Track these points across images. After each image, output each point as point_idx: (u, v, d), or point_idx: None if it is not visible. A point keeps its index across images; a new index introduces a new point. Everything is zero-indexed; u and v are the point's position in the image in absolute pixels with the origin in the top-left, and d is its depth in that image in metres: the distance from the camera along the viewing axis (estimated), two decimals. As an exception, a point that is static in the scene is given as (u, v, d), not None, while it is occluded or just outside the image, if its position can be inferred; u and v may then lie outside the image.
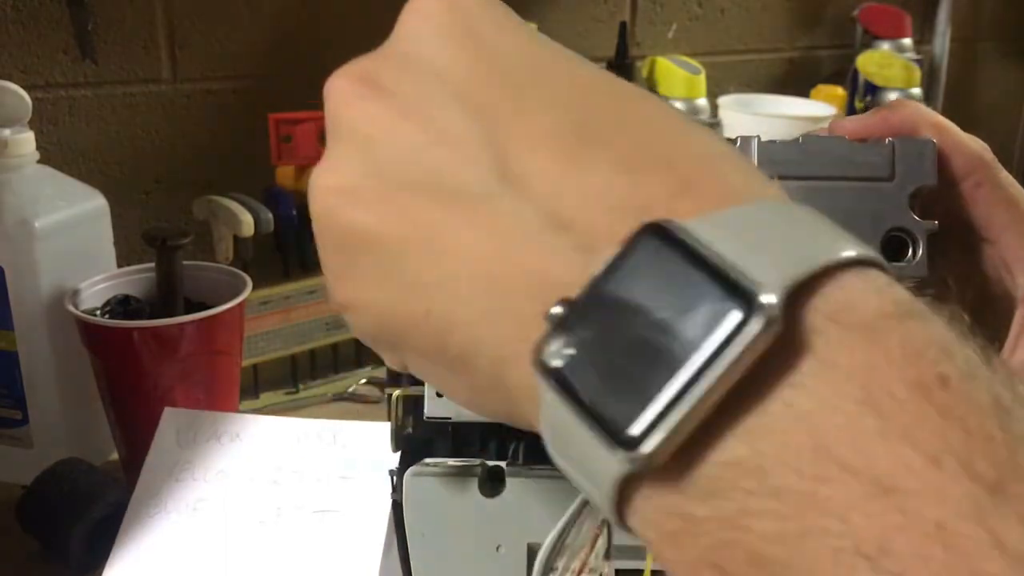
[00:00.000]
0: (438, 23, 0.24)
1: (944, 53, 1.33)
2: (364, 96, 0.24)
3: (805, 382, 0.17)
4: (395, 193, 0.23)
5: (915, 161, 0.35)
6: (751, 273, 0.18)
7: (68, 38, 0.80)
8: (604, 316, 0.19)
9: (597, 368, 0.19)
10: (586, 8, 1.08)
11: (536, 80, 0.23)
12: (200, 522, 0.55)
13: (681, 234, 0.18)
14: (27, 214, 0.63)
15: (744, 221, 0.19)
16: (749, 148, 0.35)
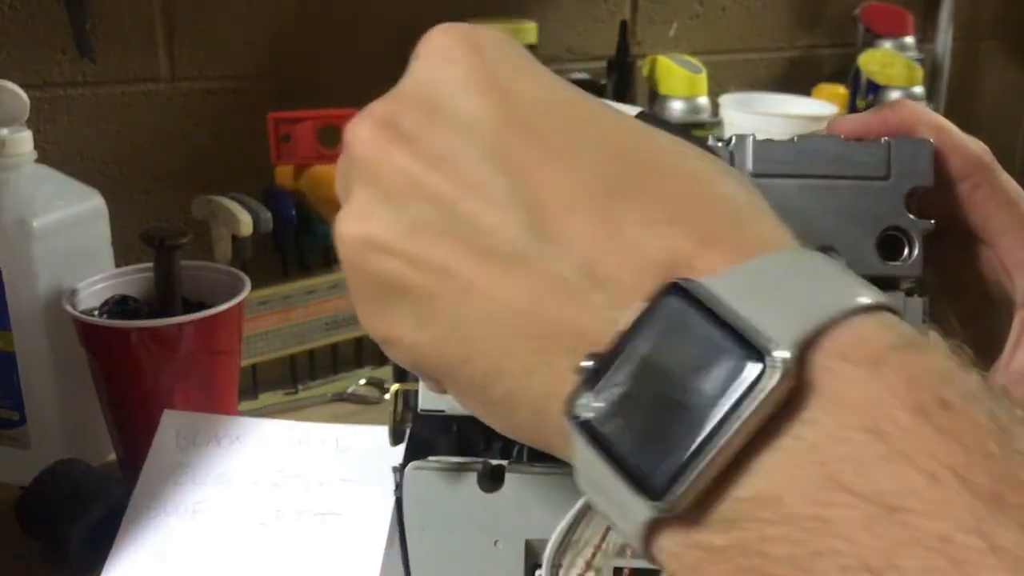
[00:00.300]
0: (462, 67, 0.24)
1: (946, 52, 1.33)
2: (389, 143, 0.24)
3: (814, 417, 0.19)
4: (426, 243, 0.23)
5: (911, 161, 0.35)
6: (766, 329, 0.19)
7: (66, 37, 0.80)
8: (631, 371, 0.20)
9: (625, 421, 0.20)
10: (587, 7, 1.08)
11: (564, 131, 0.23)
12: (200, 525, 0.55)
13: (700, 292, 0.20)
14: (25, 214, 0.63)
15: (762, 275, 0.20)
16: (744, 147, 0.35)
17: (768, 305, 0.20)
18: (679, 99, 1.07)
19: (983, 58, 1.42)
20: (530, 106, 0.24)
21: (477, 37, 0.25)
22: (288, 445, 0.59)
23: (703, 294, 0.20)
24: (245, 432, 0.59)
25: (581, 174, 0.22)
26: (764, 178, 0.35)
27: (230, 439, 0.59)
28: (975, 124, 0.39)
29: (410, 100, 0.25)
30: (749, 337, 0.19)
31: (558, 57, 1.07)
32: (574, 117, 0.24)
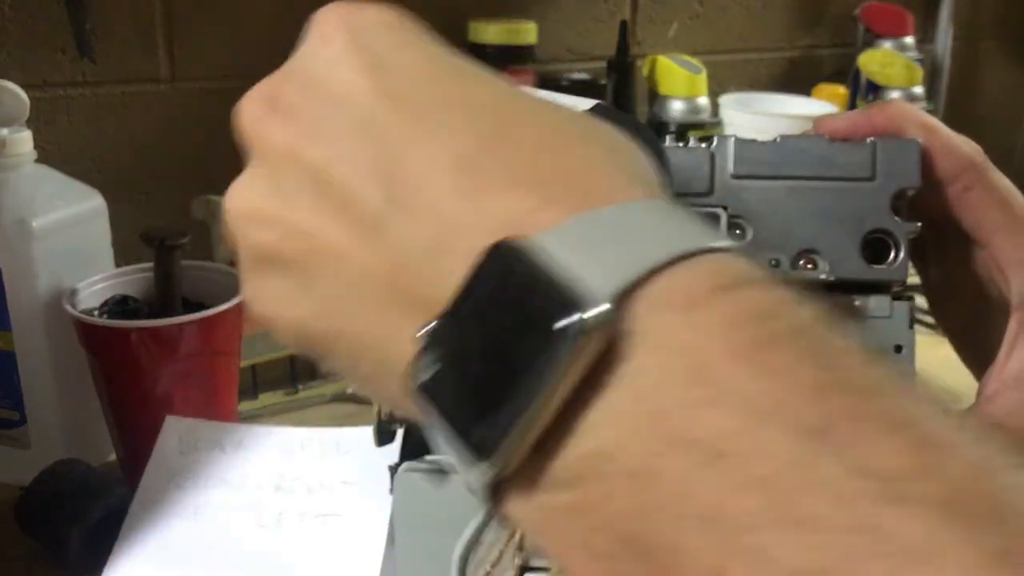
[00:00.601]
0: (339, 45, 0.25)
1: (946, 52, 1.33)
2: (269, 117, 0.25)
3: (639, 366, 0.19)
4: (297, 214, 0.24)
5: (898, 162, 0.34)
6: (586, 279, 0.19)
7: (66, 37, 0.80)
8: (461, 332, 0.20)
9: (455, 381, 0.20)
10: (586, 7, 1.08)
11: (432, 102, 0.24)
12: (201, 528, 0.55)
13: (524, 247, 0.20)
14: (25, 214, 0.63)
15: (593, 226, 0.20)
16: (725, 148, 0.35)
17: (593, 255, 0.20)
18: (679, 99, 1.07)
19: (983, 58, 1.42)
20: (402, 78, 0.24)
21: (357, 15, 0.26)
22: (290, 449, 0.59)
23: (527, 248, 0.20)
24: (248, 438, 0.60)
25: (443, 143, 0.23)
26: (746, 179, 0.34)
27: (233, 445, 0.59)
28: (975, 124, 0.38)
29: (291, 76, 0.26)
30: (568, 290, 0.19)
31: (558, 57, 1.07)
32: (445, 88, 0.24)
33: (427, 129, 0.23)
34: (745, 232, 0.35)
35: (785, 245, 0.34)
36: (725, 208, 0.35)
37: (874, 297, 0.35)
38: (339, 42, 0.25)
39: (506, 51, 0.96)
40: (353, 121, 0.24)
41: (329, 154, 0.23)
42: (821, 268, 0.34)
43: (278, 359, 0.79)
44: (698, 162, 0.35)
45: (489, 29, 0.96)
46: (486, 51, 0.96)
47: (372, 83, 0.24)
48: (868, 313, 0.35)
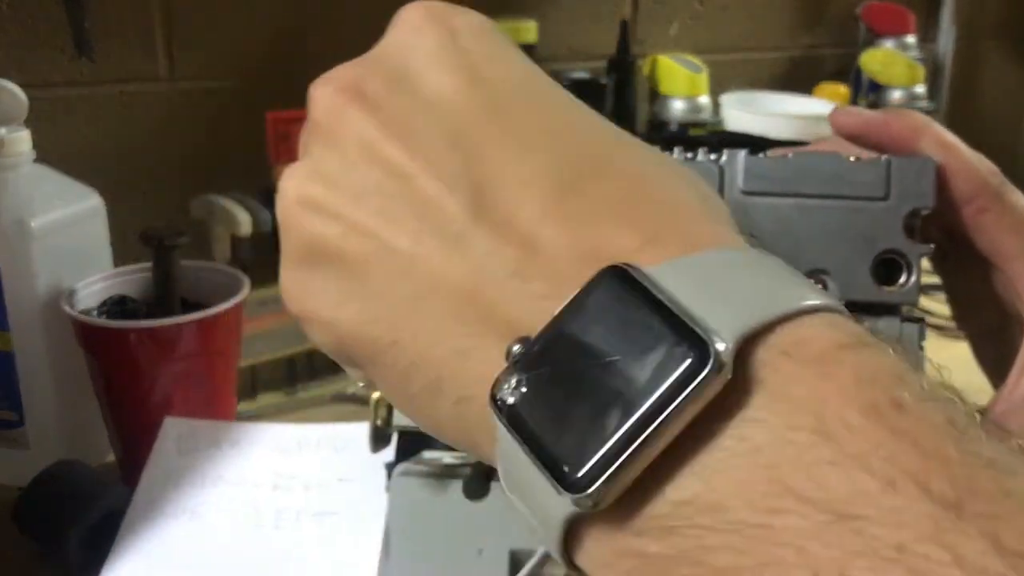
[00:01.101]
0: (433, 43, 0.24)
1: (948, 51, 1.33)
2: (349, 106, 0.23)
3: (758, 416, 0.17)
4: (370, 212, 0.22)
5: (912, 181, 0.33)
6: (706, 319, 0.18)
7: (65, 37, 0.80)
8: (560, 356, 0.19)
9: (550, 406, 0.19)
10: (587, 6, 1.07)
11: (525, 119, 0.22)
12: (199, 526, 0.55)
13: (640, 278, 0.19)
14: (23, 213, 0.62)
15: (705, 268, 0.19)
16: (735, 163, 0.34)
17: (709, 296, 0.19)
18: (680, 98, 1.06)
19: (985, 58, 1.42)
20: (496, 90, 0.23)
21: (452, 15, 0.24)
22: (287, 448, 0.59)
23: (643, 279, 0.19)
24: (245, 437, 0.59)
25: (534, 163, 0.22)
26: (755, 196, 0.34)
27: (230, 444, 0.59)
28: (976, 123, 0.38)
29: (377, 67, 0.24)
30: (689, 325, 0.18)
31: (558, 56, 1.06)
32: (537, 106, 0.23)
33: (523, 148, 0.22)
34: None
35: (794, 264, 0.34)
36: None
37: (884, 319, 0.34)
38: (434, 37, 0.24)
39: (506, 50, 0.96)
40: (444, 125, 0.22)
41: (414, 155, 0.22)
42: (831, 289, 0.34)
43: (277, 360, 0.79)
44: (707, 177, 0.34)
45: (489, 28, 0.96)
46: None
47: (468, 89, 0.23)
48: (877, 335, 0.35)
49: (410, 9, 0.25)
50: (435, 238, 0.22)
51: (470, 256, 0.21)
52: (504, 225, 0.21)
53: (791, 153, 0.34)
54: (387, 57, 0.24)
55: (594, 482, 0.18)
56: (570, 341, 0.19)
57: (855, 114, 0.36)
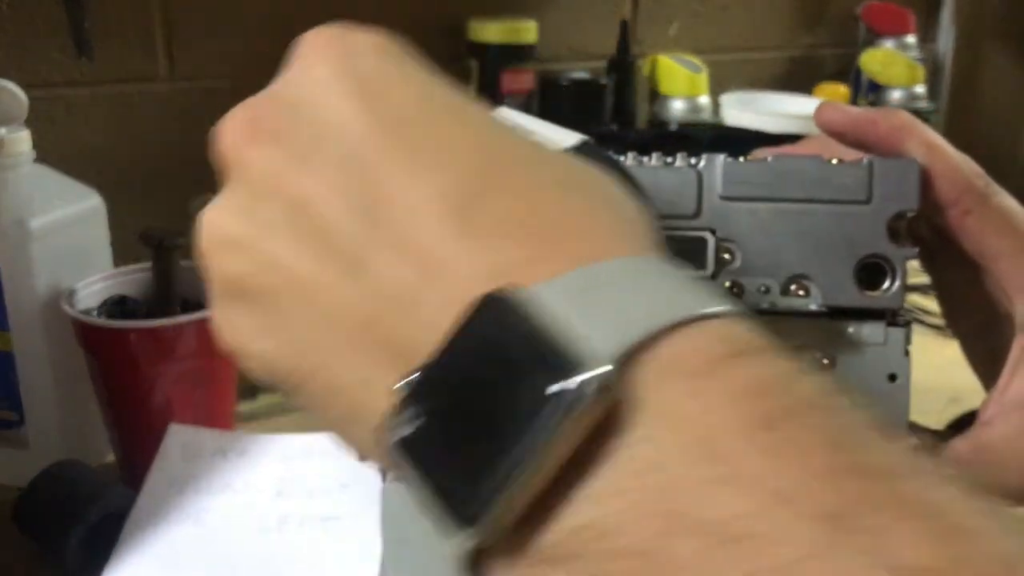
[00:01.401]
0: (329, 69, 0.24)
1: (948, 51, 1.33)
2: (251, 142, 0.24)
3: (645, 435, 0.17)
4: (273, 245, 0.22)
5: (895, 184, 0.33)
6: (586, 341, 0.18)
7: (64, 36, 0.80)
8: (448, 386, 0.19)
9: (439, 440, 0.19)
10: (587, 6, 1.07)
11: (421, 137, 0.22)
12: (203, 532, 0.55)
13: (519, 300, 0.19)
14: (23, 214, 0.62)
15: (591, 284, 0.19)
16: (713, 168, 0.33)
17: (591, 315, 0.18)
18: (680, 98, 1.06)
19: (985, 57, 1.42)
20: (391, 110, 0.23)
21: (347, 39, 0.25)
22: (292, 456, 0.59)
23: (522, 303, 0.19)
24: (251, 446, 0.59)
25: (430, 181, 0.21)
26: (735, 201, 0.33)
27: (236, 452, 0.59)
28: (977, 123, 0.38)
29: (276, 100, 0.25)
30: (566, 348, 0.18)
31: (558, 56, 1.06)
32: (435, 124, 0.23)
33: (417, 166, 0.22)
34: (734, 256, 0.33)
35: (775, 270, 0.33)
36: (713, 231, 0.33)
37: (868, 324, 0.34)
38: (328, 66, 0.24)
39: (506, 50, 0.96)
40: (339, 151, 0.22)
41: (312, 184, 0.22)
42: (813, 294, 0.33)
43: (277, 359, 0.79)
44: (685, 182, 0.33)
45: (489, 28, 0.96)
46: (486, 50, 0.96)
47: (361, 112, 0.23)
48: (861, 340, 0.34)
49: (309, 36, 0.25)
50: (335, 265, 0.22)
51: (368, 281, 0.21)
52: (400, 246, 0.21)
53: (771, 156, 0.34)
54: (287, 88, 0.25)
55: (482, 514, 0.18)
56: (457, 371, 0.19)
57: (841, 111, 0.36)
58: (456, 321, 0.19)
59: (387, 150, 0.22)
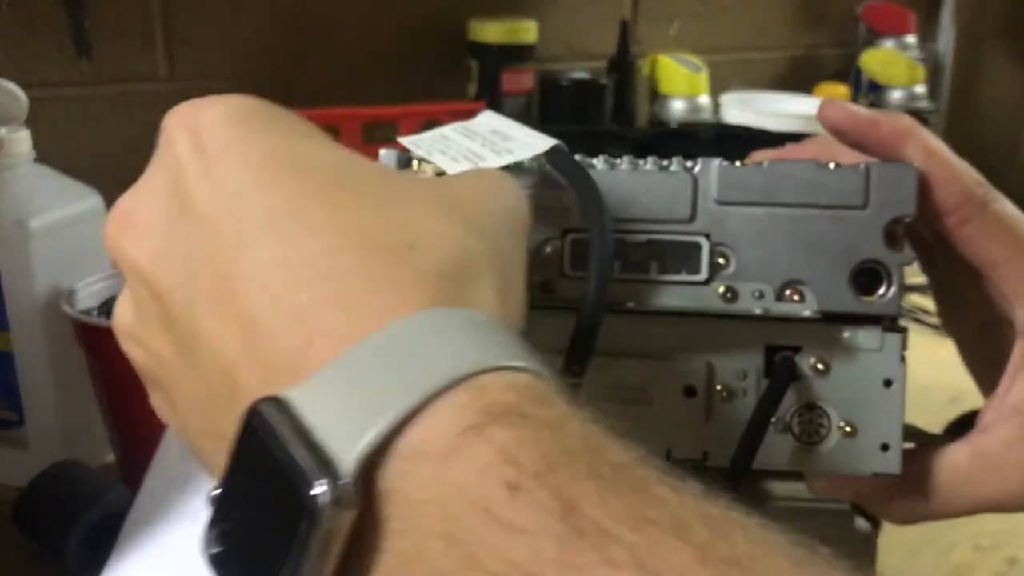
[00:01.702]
0: (180, 151, 0.24)
1: (948, 51, 1.33)
2: (123, 239, 0.25)
3: (399, 527, 0.18)
4: (150, 337, 0.24)
5: (893, 189, 0.32)
6: (331, 446, 0.18)
7: (64, 36, 0.80)
8: (235, 507, 0.20)
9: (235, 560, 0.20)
10: (587, 5, 1.07)
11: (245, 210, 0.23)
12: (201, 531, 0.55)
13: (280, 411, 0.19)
14: (23, 214, 0.62)
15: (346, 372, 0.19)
16: (709, 172, 0.33)
17: (342, 412, 0.19)
18: (680, 98, 1.06)
19: (985, 57, 1.42)
20: (226, 186, 0.23)
21: (196, 115, 0.25)
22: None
23: (284, 411, 0.19)
24: None
25: (244, 260, 0.22)
26: (731, 206, 0.33)
27: None
28: (977, 123, 0.37)
29: (140, 191, 0.26)
30: (312, 457, 0.18)
31: (558, 56, 1.06)
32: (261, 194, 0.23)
33: (234, 241, 0.22)
34: (728, 261, 0.33)
35: (770, 275, 0.33)
36: (708, 236, 0.33)
37: (864, 329, 0.34)
38: (178, 146, 0.25)
39: (506, 50, 0.96)
40: (184, 236, 0.23)
41: (162, 275, 0.23)
42: (808, 300, 0.33)
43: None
44: (680, 186, 0.33)
45: (489, 28, 0.96)
46: (486, 50, 0.96)
47: (201, 190, 0.23)
48: (857, 346, 0.34)
49: (166, 119, 0.26)
50: (179, 355, 0.23)
51: (201, 370, 0.22)
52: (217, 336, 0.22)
53: (767, 161, 0.33)
54: (149, 177, 0.26)
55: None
56: (239, 487, 0.20)
57: (844, 109, 0.35)
58: (236, 431, 0.20)
59: (215, 227, 0.23)
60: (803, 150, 0.36)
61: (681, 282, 0.34)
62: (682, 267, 0.34)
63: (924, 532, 0.62)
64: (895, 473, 0.34)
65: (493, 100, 0.95)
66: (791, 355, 0.34)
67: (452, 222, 0.23)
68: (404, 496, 0.18)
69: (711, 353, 0.34)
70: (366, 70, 0.93)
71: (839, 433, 0.34)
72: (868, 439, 0.34)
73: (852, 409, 0.34)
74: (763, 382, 0.34)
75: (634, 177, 0.33)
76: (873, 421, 0.34)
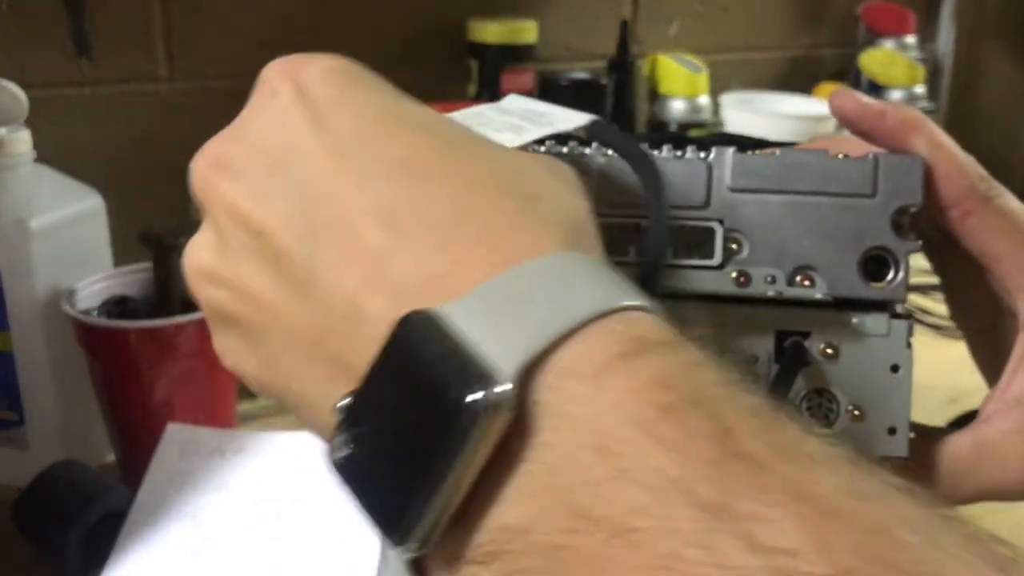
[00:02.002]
0: (284, 100, 0.25)
1: (948, 51, 1.33)
2: (217, 178, 0.26)
3: (548, 439, 0.19)
4: (242, 275, 0.25)
5: (900, 179, 0.34)
6: (490, 356, 0.19)
7: (64, 36, 0.80)
8: (374, 409, 0.21)
9: (371, 462, 0.21)
10: (587, 5, 1.07)
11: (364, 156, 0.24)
12: (200, 531, 0.55)
13: (431, 321, 0.20)
14: (23, 214, 0.62)
15: (500, 292, 0.21)
16: (723, 160, 0.34)
17: (497, 326, 0.20)
18: (679, 98, 1.06)
19: (985, 57, 1.42)
20: (338, 132, 0.24)
21: (300, 68, 0.26)
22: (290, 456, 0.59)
23: (434, 321, 0.20)
24: (248, 444, 0.60)
25: (367, 198, 0.23)
26: (743, 193, 0.34)
27: (233, 451, 0.59)
28: (977, 123, 0.38)
29: (238, 134, 0.26)
30: (471, 365, 0.19)
31: (558, 56, 1.06)
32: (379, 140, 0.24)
33: (356, 183, 0.23)
34: (741, 247, 0.34)
35: (782, 261, 0.34)
36: (721, 221, 0.34)
37: (872, 315, 0.35)
38: (284, 97, 0.25)
39: (506, 50, 0.96)
40: (292, 177, 0.24)
41: (268, 215, 0.24)
42: (818, 285, 0.34)
43: (277, 359, 0.79)
44: (695, 173, 0.34)
45: (489, 28, 0.96)
46: (486, 50, 0.96)
47: (310, 138, 0.24)
48: (865, 331, 0.35)
49: (266, 71, 0.27)
50: (288, 287, 0.23)
51: (314, 301, 0.23)
52: (341, 262, 0.22)
53: (779, 151, 0.34)
54: (246, 122, 0.26)
55: (411, 531, 0.19)
56: (379, 394, 0.21)
57: (854, 99, 0.36)
58: (380, 343, 0.21)
59: (331, 171, 0.24)
60: (812, 146, 0.37)
61: (695, 266, 0.34)
62: (696, 252, 0.35)
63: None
64: (903, 456, 0.35)
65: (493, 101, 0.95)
66: (800, 340, 0.35)
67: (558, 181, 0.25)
68: (555, 408, 0.19)
69: (723, 338, 0.35)
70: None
71: (848, 417, 0.35)
72: (876, 423, 0.35)
73: (860, 393, 0.35)
74: (774, 367, 0.35)
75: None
76: (881, 405, 0.35)
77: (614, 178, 0.34)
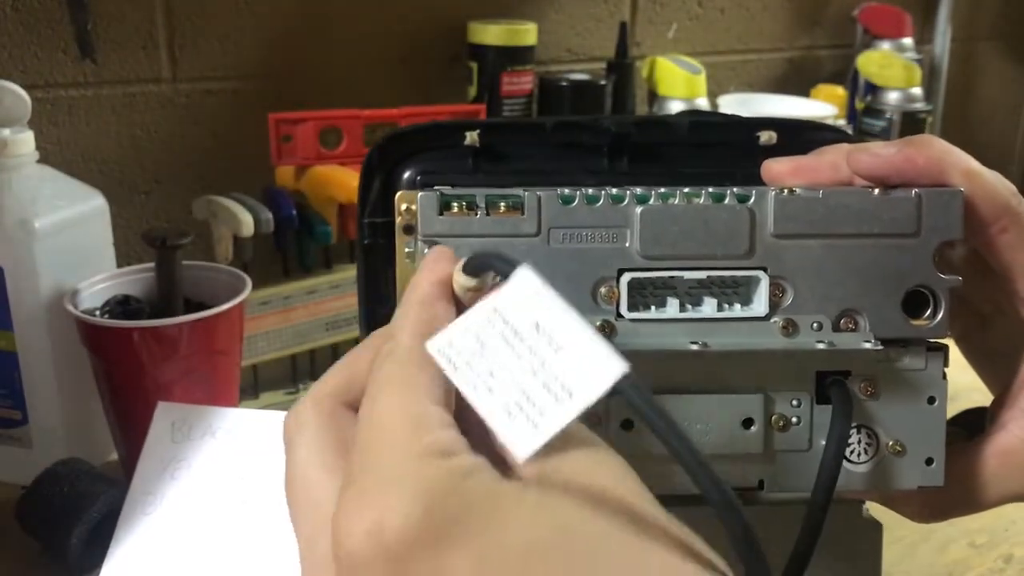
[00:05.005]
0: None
1: (945, 53, 1.33)
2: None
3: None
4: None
5: (942, 215, 0.33)
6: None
7: (67, 38, 0.80)
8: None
9: None
10: (586, 7, 1.08)
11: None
12: (195, 516, 0.55)
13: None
14: (27, 214, 0.63)
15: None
16: (764, 204, 0.33)
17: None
18: (678, 100, 1.07)
19: (981, 59, 1.43)
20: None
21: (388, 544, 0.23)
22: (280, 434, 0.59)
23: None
24: (239, 424, 0.59)
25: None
26: (786, 239, 0.33)
27: (224, 431, 0.59)
28: (973, 124, 0.38)
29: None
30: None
31: (558, 58, 1.07)
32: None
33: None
34: (786, 293, 0.34)
35: (826, 306, 0.34)
36: (766, 269, 0.34)
37: (910, 351, 0.35)
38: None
39: (506, 52, 0.96)
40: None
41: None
42: (861, 327, 0.34)
43: (279, 359, 0.80)
44: (737, 221, 0.33)
45: (489, 30, 0.96)
46: (486, 52, 0.96)
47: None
48: (904, 367, 0.35)
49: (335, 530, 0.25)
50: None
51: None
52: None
53: (822, 192, 0.34)
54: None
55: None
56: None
57: (872, 154, 0.35)
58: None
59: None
60: (821, 160, 0.36)
61: (740, 318, 0.34)
62: (740, 301, 0.34)
63: (920, 530, 0.63)
64: (939, 485, 0.35)
65: (492, 102, 0.96)
66: (843, 381, 0.35)
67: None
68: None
69: (766, 384, 0.35)
70: (366, 71, 0.93)
71: (888, 452, 0.35)
72: (915, 455, 0.35)
73: (900, 428, 0.35)
74: (815, 408, 0.35)
75: (689, 211, 0.33)
76: (919, 438, 0.35)
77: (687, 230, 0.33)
